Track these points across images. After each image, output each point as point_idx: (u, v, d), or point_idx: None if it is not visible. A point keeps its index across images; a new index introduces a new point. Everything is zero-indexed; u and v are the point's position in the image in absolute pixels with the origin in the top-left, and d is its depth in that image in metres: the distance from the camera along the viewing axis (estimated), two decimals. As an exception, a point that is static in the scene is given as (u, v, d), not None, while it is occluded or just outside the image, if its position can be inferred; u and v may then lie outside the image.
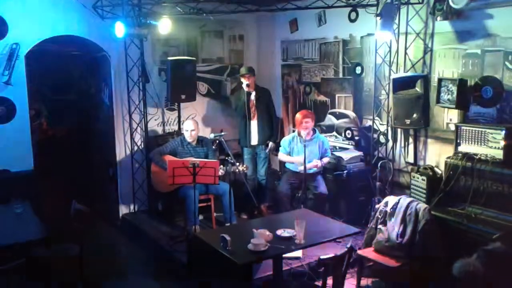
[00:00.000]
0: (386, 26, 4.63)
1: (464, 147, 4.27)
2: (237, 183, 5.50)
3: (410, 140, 5.18)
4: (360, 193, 5.41)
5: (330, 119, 6.17)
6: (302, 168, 5.16)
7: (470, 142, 4.23)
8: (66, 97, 7.65)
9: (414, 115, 4.74)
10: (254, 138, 5.99)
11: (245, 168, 5.24)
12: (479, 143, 4.15)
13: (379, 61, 5.30)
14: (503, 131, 3.96)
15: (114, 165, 6.23)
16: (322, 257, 3.15)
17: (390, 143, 5.38)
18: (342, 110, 6.01)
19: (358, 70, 5.71)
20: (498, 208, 3.91)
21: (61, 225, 4.44)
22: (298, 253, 4.51)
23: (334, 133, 6.11)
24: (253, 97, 5.93)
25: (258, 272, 4.31)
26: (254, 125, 5.97)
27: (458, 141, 4.32)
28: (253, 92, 5.93)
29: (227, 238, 3.48)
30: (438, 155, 4.86)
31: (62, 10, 5.50)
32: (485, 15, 4.31)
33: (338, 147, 5.93)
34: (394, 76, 5.00)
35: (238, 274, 3.99)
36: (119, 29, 5.28)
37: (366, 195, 5.38)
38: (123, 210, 6.28)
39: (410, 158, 5.17)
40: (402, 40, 5.07)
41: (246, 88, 5.84)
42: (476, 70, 4.46)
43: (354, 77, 5.79)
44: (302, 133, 5.29)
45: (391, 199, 4.40)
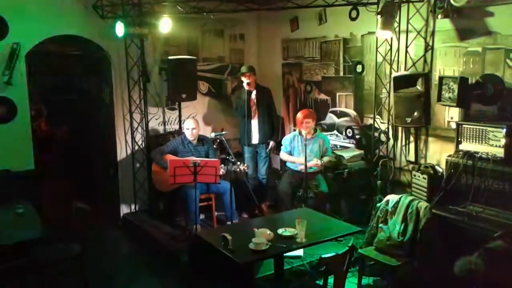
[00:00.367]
0: (387, 25, 4.62)
1: (465, 145, 4.26)
2: (238, 182, 5.50)
3: (411, 138, 5.17)
4: (361, 191, 5.41)
5: (331, 118, 6.17)
6: (302, 167, 5.16)
7: (471, 140, 4.22)
8: (66, 97, 7.65)
9: (415, 114, 4.73)
10: (255, 137, 5.99)
11: (245, 167, 5.24)
12: (480, 141, 4.14)
13: (380, 59, 5.29)
14: (504, 129, 3.95)
15: (115, 164, 6.22)
16: (323, 256, 3.15)
17: (391, 142, 5.37)
18: (343, 109, 6.01)
19: (359, 68, 5.70)
20: (499, 206, 3.90)
21: (62, 224, 4.44)
22: (299, 252, 4.51)
23: (335, 131, 6.10)
24: (253, 96, 5.93)
25: (259, 271, 4.31)
26: (255, 124, 5.96)
27: (459, 139, 4.31)
28: (253, 91, 5.93)
29: (228, 237, 3.48)
30: (439, 154, 4.86)
31: (62, 10, 5.49)
32: (486, 13, 4.30)
33: (339, 146, 5.93)
34: (394, 74, 4.98)
35: (239, 273, 3.99)
36: (120, 28, 5.29)
37: (367, 194, 5.38)
38: (124, 209, 6.29)
39: (411, 157, 5.16)
40: (402, 38, 5.06)
41: (246, 86, 5.83)
42: (477, 68, 4.45)
43: (354, 75, 5.78)
44: (303, 132, 5.29)
45: (392, 198, 4.40)
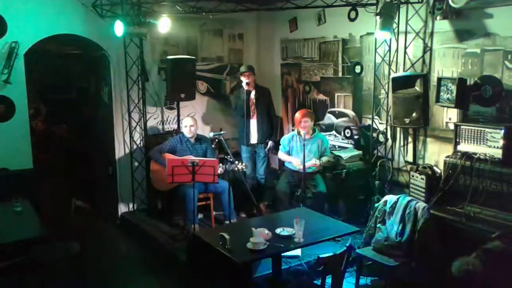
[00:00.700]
0: (386, 26, 4.63)
1: (463, 146, 4.28)
2: (236, 182, 5.51)
3: (410, 139, 5.18)
4: (359, 192, 5.42)
5: (329, 118, 6.18)
6: (301, 166, 5.16)
7: (469, 141, 4.23)
8: (65, 96, 7.65)
9: (414, 114, 4.74)
10: (253, 137, 5.99)
11: (244, 166, 5.25)
12: (478, 142, 4.15)
13: (379, 60, 5.30)
14: (502, 130, 3.97)
15: (113, 163, 6.23)
16: (321, 255, 3.16)
17: (390, 142, 5.38)
18: (342, 109, 6.01)
19: (358, 69, 5.71)
20: (497, 207, 3.91)
21: (60, 223, 4.44)
22: (297, 251, 4.52)
23: (334, 132, 6.11)
24: (252, 95, 5.93)
25: (257, 270, 4.31)
26: (253, 123, 5.96)
27: (457, 140, 4.32)
28: (253, 90, 5.93)
29: (226, 236, 3.48)
30: (437, 154, 4.87)
31: (62, 9, 5.49)
32: (484, 14, 4.31)
33: (337, 146, 5.94)
34: (393, 75, 5.00)
35: (237, 272, 4.00)
36: (119, 28, 5.28)
37: (365, 194, 5.39)
38: (122, 208, 6.28)
39: (409, 157, 5.17)
40: (401, 39, 5.07)
41: (246, 86, 5.83)
42: (475, 69, 4.46)
43: (353, 76, 5.79)
44: (302, 132, 5.30)
45: (390, 198, 4.40)
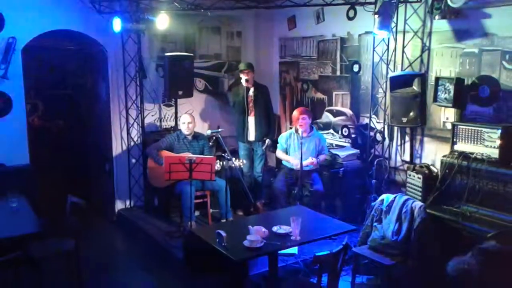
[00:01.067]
0: (384, 25, 4.63)
1: (460, 146, 4.28)
2: (233, 180, 5.50)
3: (407, 138, 5.19)
4: (356, 190, 5.43)
5: (327, 117, 6.18)
6: (298, 164, 5.16)
7: (467, 141, 4.24)
8: (62, 91, 7.62)
9: (411, 114, 4.75)
10: (251, 134, 5.99)
11: (241, 163, 5.24)
12: (475, 142, 4.16)
13: (377, 59, 5.30)
14: (499, 131, 3.97)
15: (110, 160, 6.22)
16: (317, 254, 3.16)
17: (387, 141, 5.38)
18: (339, 108, 6.02)
19: (356, 68, 5.71)
20: (493, 207, 3.93)
21: (56, 219, 4.43)
22: (294, 249, 4.52)
23: (331, 130, 6.12)
24: (251, 93, 5.92)
25: (253, 268, 4.32)
26: (251, 121, 5.96)
27: (455, 140, 4.33)
28: (251, 88, 5.92)
29: (223, 234, 3.48)
30: (434, 154, 4.88)
31: (59, 5, 5.46)
32: (483, 14, 4.32)
33: (334, 145, 5.94)
34: (391, 74, 5.00)
35: (234, 270, 4.00)
36: (117, 24, 5.28)
37: (362, 193, 5.40)
38: (119, 205, 6.28)
39: (406, 157, 5.18)
40: (400, 38, 5.07)
41: (245, 83, 5.82)
42: (473, 69, 4.46)
43: (351, 75, 5.79)
44: (299, 130, 5.30)
45: (387, 197, 4.40)
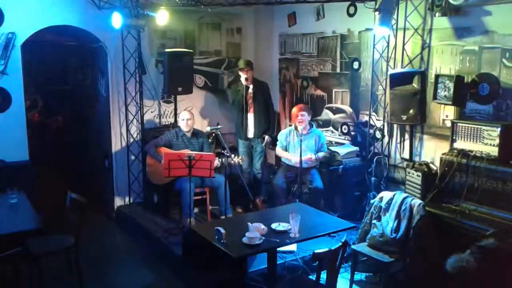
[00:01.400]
0: (385, 21, 4.62)
1: (459, 144, 4.28)
2: (232, 177, 5.50)
3: (406, 136, 5.18)
4: (355, 188, 5.43)
5: (326, 114, 6.17)
6: (297, 161, 5.15)
7: (466, 138, 4.24)
8: (62, 87, 7.61)
9: (411, 111, 4.74)
10: (250, 131, 5.99)
11: (240, 159, 5.24)
12: (475, 140, 4.16)
13: (377, 56, 5.29)
14: (499, 128, 3.97)
15: (109, 156, 6.21)
16: (316, 251, 3.16)
17: (386, 139, 5.38)
18: (339, 105, 6.01)
19: (356, 65, 5.70)
20: (492, 204, 3.93)
21: (56, 215, 4.44)
22: (293, 246, 4.53)
23: (331, 128, 6.11)
24: (251, 90, 5.91)
25: (252, 265, 4.32)
26: (251, 118, 5.95)
27: (454, 137, 4.33)
28: (251, 85, 5.92)
29: (222, 231, 3.48)
30: (433, 151, 4.87)
31: (59, 0, 5.45)
32: (483, 12, 4.31)
33: (334, 142, 5.93)
34: (391, 71, 4.99)
35: (233, 267, 4.01)
36: (116, 19, 5.26)
37: (361, 190, 5.40)
38: (118, 202, 6.28)
39: (406, 154, 5.17)
40: (400, 35, 5.06)
41: (244, 82, 5.82)
42: (473, 67, 4.46)
43: (351, 72, 5.79)
44: (299, 127, 5.29)
45: (386, 195, 4.41)
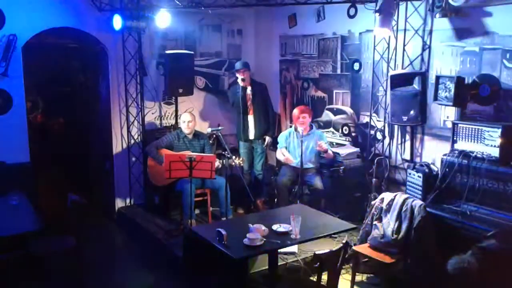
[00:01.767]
0: (385, 23, 4.62)
1: (460, 145, 4.28)
2: (233, 178, 5.50)
3: (407, 137, 5.19)
4: (356, 189, 5.42)
5: (327, 115, 6.17)
6: (294, 162, 5.14)
7: (467, 139, 4.23)
8: (63, 89, 7.62)
9: (411, 112, 4.74)
10: (251, 133, 6.00)
11: (241, 161, 5.25)
12: (476, 141, 4.16)
13: (377, 57, 5.29)
14: (500, 129, 3.97)
15: (110, 158, 6.21)
16: (317, 252, 3.16)
17: (387, 140, 5.38)
18: (340, 106, 6.01)
19: (356, 66, 5.70)
20: (493, 205, 3.93)
21: (57, 217, 4.44)
22: (294, 248, 4.52)
23: (331, 129, 6.11)
24: (249, 91, 5.92)
25: (253, 266, 4.32)
26: (251, 119, 5.96)
27: (455, 138, 4.32)
28: (248, 87, 5.92)
29: (223, 232, 3.48)
30: (434, 152, 4.87)
31: (60, 2, 5.46)
32: (484, 13, 4.31)
33: (335, 143, 5.94)
34: (392, 72, 4.99)
35: (234, 268, 4.00)
36: (117, 21, 5.27)
37: (362, 191, 5.39)
38: (119, 203, 6.27)
39: (407, 155, 5.18)
40: (400, 36, 5.07)
41: (241, 83, 5.83)
42: (474, 68, 4.46)
43: (352, 73, 5.79)
44: (299, 128, 5.29)
45: (387, 196, 4.41)
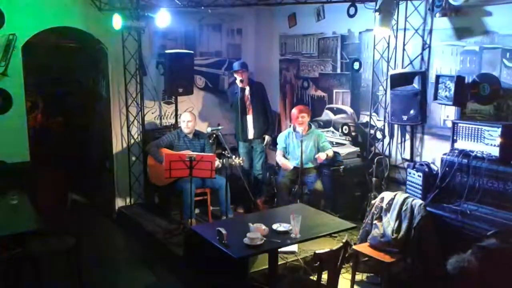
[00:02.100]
0: (385, 22, 4.62)
1: (460, 144, 4.28)
2: (233, 177, 5.50)
3: (407, 136, 5.19)
4: (356, 188, 5.43)
5: (327, 115, 6.18)
6: (290, 167, 5.15)
7: (467, 139, 4.23)
8: (62, 89, 7.62)
9: (411, 111, 4.75)
10: (250, 133, 6.00)
11: (241, 160, 5.24)
12: (476, 140, 4.15)
13: (377, 57, 5.30)
14: (500, 128, 3.96)
15: (110, 157, 6.21)
16: (317, 251, 3.16)
17: (387, 139, 5.38)
18: (340, 106, 6.01)
19: (356, 65, 5.70)
20: (493, 205, 3.92)
21: (56, 217, 4.43)
22: (294, 247, 4.53)
23: (331, 128, 6.11)
24: (247, 92, 5.94)
25: (253, 266, 4.32)
26: (250, 119, 5.97)
27: (455, 137, 4.32)
28: (247, 87, 5.93)
29: (223, 231, 3.48)
30: (434, 152, 4.87)
31: (60, 2, 5.46)
32: (483, 12, 4.31)
33: (335, 143, 5.94)
34: (392, 72, 5.00)
35: (234, 267, 4.01)
36: (117, 21, 5.27)
37: (362, 191, 5.40)
38: (119, 203, 6.28)
39: (407, 154, 5.18)
40: (400, 36, 5.07)
41: (240, 84, 5.84)
42: (474, 67, 4.46)
43: (352, 72, 5.79)
44: (298, 128, 5.29)
45: (387, 195, 4.41)
